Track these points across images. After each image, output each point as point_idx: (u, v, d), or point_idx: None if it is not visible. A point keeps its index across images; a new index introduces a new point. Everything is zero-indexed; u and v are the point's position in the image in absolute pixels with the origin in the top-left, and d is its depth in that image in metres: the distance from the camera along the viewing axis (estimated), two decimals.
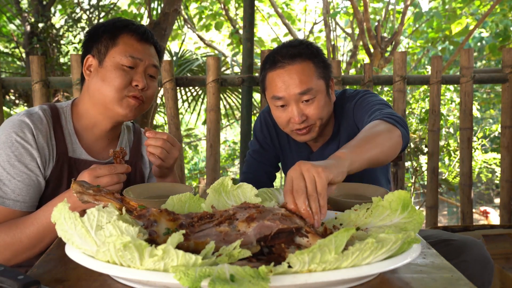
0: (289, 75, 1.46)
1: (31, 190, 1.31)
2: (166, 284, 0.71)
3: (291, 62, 1.46)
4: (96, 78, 1.38)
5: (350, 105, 1.60)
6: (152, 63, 1.42)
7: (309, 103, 1.47)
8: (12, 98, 5.62)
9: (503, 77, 2.91)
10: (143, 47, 1.41)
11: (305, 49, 1.49)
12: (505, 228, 2.73)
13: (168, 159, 1.37)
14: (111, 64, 1.37)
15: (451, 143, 4.83)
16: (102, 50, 1.39)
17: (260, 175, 1.76)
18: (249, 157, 1.80)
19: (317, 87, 1.47)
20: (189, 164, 8.65)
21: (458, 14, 6.28)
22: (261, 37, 8.00)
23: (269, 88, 1.52)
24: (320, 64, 1.50)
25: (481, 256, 1.42)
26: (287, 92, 1.46)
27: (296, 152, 1.74)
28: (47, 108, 1.40)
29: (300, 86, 1.45)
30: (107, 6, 5.64)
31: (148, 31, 1.45)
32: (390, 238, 0.75)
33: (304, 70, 1.46)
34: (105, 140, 1.48)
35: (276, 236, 0.81)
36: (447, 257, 1.45)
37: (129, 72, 1.37)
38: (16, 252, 1.22)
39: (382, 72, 5.51)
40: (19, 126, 1.30)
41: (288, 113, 1.49)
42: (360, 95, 1.59)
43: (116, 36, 1.39)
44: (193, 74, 4.68)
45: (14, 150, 1.28)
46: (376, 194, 1.20)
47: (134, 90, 1.38)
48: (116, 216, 0.81)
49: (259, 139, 1.78)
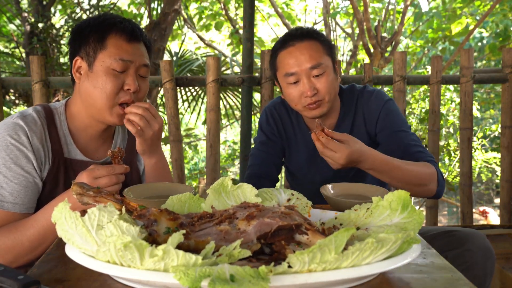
0: (299, 51, 1.57)
1: (29, 192, 1.30)
2: (166, 284, 0.71)
3: (301, 41, 1.58)
4: (87, 83, 1.35)
5: (371, 105, 1.67)
6: (142, 63, 1.38)
7: (319, 78, 1.57)
8: (12, 98, 5.62)
9: (503, 77, 2.91)
10: (133, 47, 1.36)
11: (312, 31, 1.63)
12: (505, 228, 2.73)
13: (147, 129, 1.34)
14: (101, 69, 1.33)
15: (451, 143, 4.84)
16: (91, 53, 1.34)
17: (268, 166, 1.76)
18: (255, 150, 1.80)
19: (326, 62, 1.58)
20: (189, 164, 8.65)
21: (458, 14, 6.28)
22: (261, 37, 8.00)
23: (280, 67, 1.62)
24: (327, 44, 1.63)
25: (484, 246, 1.46)
26: (299, 68, 1.56)
27: (303, 144, 1.76)
28: (40, 109, 1.39)
29: (311, 60, 1.56)
30: (107, 6, 5.64)
31: (136, 28, 1.39)
32: (390, 238, 0.75)
33: (312, 47, 1.58)
34: (99, 140, 1.48)
35: (276, 233, 0.81)
36: (450, 246, 1.49)
37: (120, 76, 1.34)
38: (18, 255, 1.22)
39: (382, 72, 5.51)
40: (13, 128, 1.29)
41: (300, 88, 1.58)
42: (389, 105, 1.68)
43: (104, 38, 1.34)
44: (193, 74, 4.68)
45: (9, 153, 1.28)
46: (376, 194, 1.20)
47: (126, 95, 1.35)
48: (117, 215, 0.81)
49: (265, 132, 1.79)
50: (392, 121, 1.65)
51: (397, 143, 1.61)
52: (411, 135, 1.64)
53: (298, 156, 1.78)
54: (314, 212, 1.11)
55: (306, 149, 1.75)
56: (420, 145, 1.62)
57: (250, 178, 1.73)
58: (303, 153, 1.76)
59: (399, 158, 1.51)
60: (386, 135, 1.65)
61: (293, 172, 1.84)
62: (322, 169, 1.72)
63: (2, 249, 1.20)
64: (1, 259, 1.21)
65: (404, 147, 1.59)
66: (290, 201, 1.12)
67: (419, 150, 1.59)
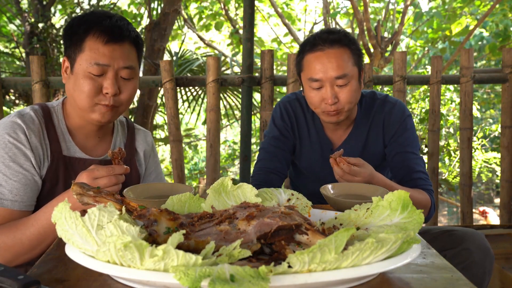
0: (327, 59, 1.54)
1: (28, 189, 1.31)
2: (166, 284, 0.71)
3: (330, 46, 1.55)
4: (69, 84, 1.36)
5: (392, 117, 1.70)
6: (122, 66, 1.33)
7: (342, 88, 1.56)
8: (12, 98, 5.61)
9: (503, 77, 2.91)
10: (111, 49, 1.31)
11: (344, 36, 1.58)
12: (505, 228, 2.73)
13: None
14: (79, 71, 1.31)
15: (451, 143, 4.84)
16: (72, 55, 1.34)
17: (278, 161, 1.75)
18: (266, 144, 1.78)
19: (351, 73, 1.56)
20: (189, 164, 8.66)
21: (458, 14, 6.28)
22: (261, 37, 8.01)
23: (306, 69, 1.60)
24: (356, 52, 1.60)
25: (482, 245, 1.49)
26: (324, 75, 1.54)
27: (317, 143, 1.76)
28: (38, 108, 1.40)
29: (337, 70, 1.53)
30: (107, 6, 5.64)
31: (118, 26, 1.33)
32: (390, 238, 0.75)
33: (342, 55, 1.55)
34: (96, 137, 1.48)
35: (276, 233, 0.81)
36: (450, 245, 1.51)
37: (97, 79, 1.31)
38: (17, 254, 1.22)
39: (382, 72, 5.51)
40: (11, 127, 1.30)
41: (322, 94, 1.57)
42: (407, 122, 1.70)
43: (82, 40, 1.31)
44: (193, 74, 4.68)
45: (7, 151, 1.28)
46: (376, 194, 1.20)
47: (105, 99, 1.33)
48: (117, 215, 0.81)
49: (279, 127, 1.78)
50: (406, 139, 1.68)
51: (403, 163, 1.65)
52: (418, 159, 1.67)
53: (311, 154, 1.78)
54: (314, 212, 1.11)
55: (320, 148, 1.76)
56: (423, 172, 1.65)
57: (260, 172, 1.72)
58: (317, 151, 1.76)
59: (401, 177, 1.62)
60: (395, 151, 1.68)
61: (302, 169, 1.83)
62: None
63: (2, 248, 1.20)
64: (1, 258, 1.21)
65: (408, 170, 1.63)
66: (290, 201, 1.12)
67: (420, 177, 1.62)
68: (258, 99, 5.10)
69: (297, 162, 1.84)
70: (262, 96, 2.80)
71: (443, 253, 1.39)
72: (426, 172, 1.66)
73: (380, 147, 1.72)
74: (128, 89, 1.37)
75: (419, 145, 1.73)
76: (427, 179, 1.64)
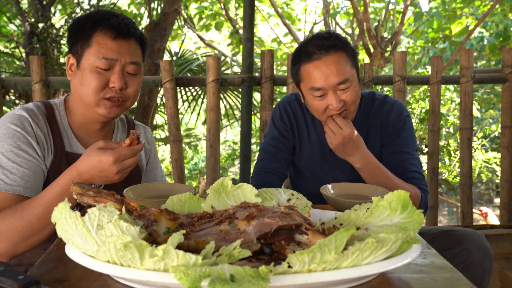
0: (326, 66, 1.52)
1: (38, 177, 1.32)
2: (166, 284, 0.71)
3: (327, 53, 1.52)
4: (76, 80, 1.38)
5: (391, 116, 1.70)
6: (129, 61, 1.36)
7: (345, 91, 1.54)
8: (12, 98, 5.61)
9: (503, 77, 2.91)
10: (118, 45, 1.35)
11: (336, 40, 1.56)
12: (505, 228, 2.73)
13: None
14: (86, 66, 1.34)
15: (451, 143, 4.84)
16: (79, 51, 1.36)
17: (278, 161, 1.76)
18: (266, 145, 1.79)
19: (351, 75, 1.55)
20: (189, 164, 8.66)
21: (458, 14, 6.28)
22: (261, 37, 8.01)
23: (306, 80, 1.57)
24: (351, 53, 1.58)
25: (482, 245, 1.49)
26: (326, 83, 1.52)
27: (317, 144, 1.76)
28: (40, 105, 1.42)
29: (338, 76, 1.51)
30: (107, 6, 5.64)
31: (124, 24, 1.37)
32: (390, 238, 0.75)
33: (340, 60, 1.53)
34: (98, 135, 1.49)
35: (276, 233, 0.81)
36: (449, 245, 1.51)
37: (104, 74, 1.34)
38: (26, 235, 1.20)
39: (382, 72, 5.51)
40: (18, 119, 1.33)
41: (325, 102, 1.55)
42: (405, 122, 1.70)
43: (89, 36, 1.35)
44: (193, 74, 4.68)
45: (16, 140, 1.30)
46: (376, 194, 1.20)
47: (111, 91, 1.35)
48: (117, 215, 0.81)
49: (278, 127, 1.78)
50: (403, 139, 1.67)
51: (398, 162, 1.64)
52: (414, 160, 1.66)
53: (311, 154, 1.78)
54: (314, 212, 1.11)
55: (320, 149, 1.76)
56: (419, 172, 1.64)
57: (259, 173, 1.73)
58: (317, 152, 1.76)
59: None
60: (391, 150, 1.67)
61: (302, 170, 1.84)
62: (336, 170, 1.73)
63: (10, 230, 1.18)
64: (9, 240, 1.19)
65: (403, 169, 1.62)
66: (290, 201, 1.12)
67: (415, 176, 1.62)
68: (258, 99, 5.10)
69: (297, 163, 1.84)
70: (262, 96, 2.81)
71: (443, 253, 1.38)
72: (421, 173, 1.65)
73: (379, 147, 1.72)
74: (134, 84, 1.40)
75: (416, 146, 1.72)
76: (422, 179, 1.63)
